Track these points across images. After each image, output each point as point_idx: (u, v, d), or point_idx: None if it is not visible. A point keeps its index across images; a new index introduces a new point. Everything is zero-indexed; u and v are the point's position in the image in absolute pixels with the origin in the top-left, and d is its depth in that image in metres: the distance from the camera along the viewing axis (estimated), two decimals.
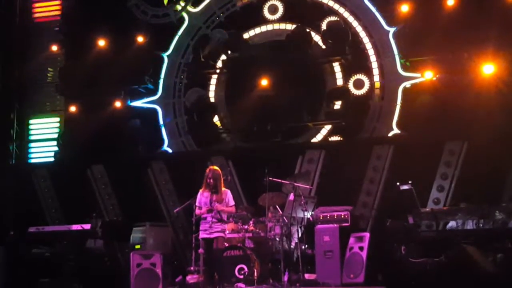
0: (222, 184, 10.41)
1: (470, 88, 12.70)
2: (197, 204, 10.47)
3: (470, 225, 10.56)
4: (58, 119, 16.03)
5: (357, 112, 13.63)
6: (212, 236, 10.15)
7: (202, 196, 10.37)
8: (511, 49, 12.60)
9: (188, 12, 15.04)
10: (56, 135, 15.73)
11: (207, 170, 10.43)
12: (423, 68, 13.20)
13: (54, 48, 15.70)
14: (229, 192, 10.48)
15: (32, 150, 16.19)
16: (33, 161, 16.07)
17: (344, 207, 12.02)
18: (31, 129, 16.22)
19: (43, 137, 16.08)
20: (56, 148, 15.49)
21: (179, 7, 14.98)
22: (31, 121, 16.20)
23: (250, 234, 11.72)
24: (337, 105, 13.82)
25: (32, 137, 16.21)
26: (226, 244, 11.00)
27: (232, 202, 10.39)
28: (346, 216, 11.86)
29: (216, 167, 10.54)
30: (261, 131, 14.08)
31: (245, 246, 11.52)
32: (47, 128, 16.09)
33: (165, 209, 14.22)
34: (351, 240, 11.59)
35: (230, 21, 14.79)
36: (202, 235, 10.33)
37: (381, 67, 13.68)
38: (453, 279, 10.02)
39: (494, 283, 9.81)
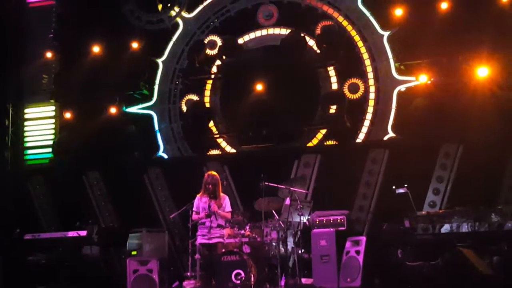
0: (221, 190, 10.41)
1: (464, 91, 12.74)
2: (194, 209, 10.45)
3: (466, 228, 10.58)
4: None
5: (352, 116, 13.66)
6: (211, 241, 10.14)
7: (200, 201, 10.37)
8: (505, 51, 12.63)
9: (183, 18, 15.06)
10: (51, 141, 15.72)
11: (206, 176, 10.44)
12: (418, 71, 13.24)
13: (49, 55, 15.69)
14: (227, 198, 10.49)
15: (27, 157, 16.15)
16: (28, 167, 16.02)
17: (340, 211, 12.02)
18: (26, 136, 16.21)
19: (38, 144, 16.05)
20: (51, 155, 15.47)
21: (173, 13, 14.99)
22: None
23: (247, 239, 11.70)
24: (332, 109, 13.82)
25: (27, 144, 16.18)
26: (223, 250, 10.99)
27: (229, 208, 10.40)
28: (342, 220, 11.86)
29: (215, 173, 10.56)
30: (257, 136, 14.09)
31: (242, 251, 11.51)
32: (43, 129, 16.07)
33: (161, 214, 14.21)
34: (348, 244, 11.58)
35: (225, 26, 14.82)
36: (200, 240, 10.32)
37: (375, 71, 13.70)
38: (450, 282, 10.04)
39: (490, 286, 9.82)
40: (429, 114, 12.84)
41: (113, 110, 15.00)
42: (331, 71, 14.06)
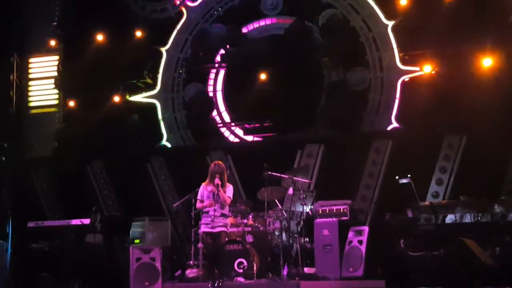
0: (226, 179, 10.38)
1: (469, 82, 12.68)
2: (199, 197, 10.43)
3: (468, 218, 10.59)
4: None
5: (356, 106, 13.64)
6: (215, 230, 10.14)
7: (205, 190, 10.35)
8: (510, 42, 12.57)
9: (187, 7, 15.02)
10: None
11: (212, 165, 10.39)
12: (422, 61, 13.18)
13: (52, 43, 15.67)
14: (231, 186, 10.46)
15: (30, 144, 16.16)
16: (31, 156, 16.03)
17: (343, 201, 12.03)
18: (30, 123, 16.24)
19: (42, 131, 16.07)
20: (55, 143, 15.48)
21: (177, 1, 14.95)
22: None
23: (250, 229, 11.73)
24: (336, 99, 13.78)
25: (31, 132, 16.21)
26: (226, 239, 11.01)
27: (230, 195, 10.32)
28: (345, 210, 11.86)
29: (220, 162, 10.54)
30: (260, 125, 14.09)
31: (245, 240, 11.53)
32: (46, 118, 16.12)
33: (164, 203, 14.23)
34: (350, 234, 11.60)
35: (229, 15, 14.78)
36: (204, 228, 10.31)
37: (380, 61, 13.67)
38: (452, 272, 10.05)
39: (492, 277, 9.83)
40: (433, 105, 12.79)
41: (116, 98, 14.98)
42: (335, 61, 14.02)
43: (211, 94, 14.75)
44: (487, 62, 12.49)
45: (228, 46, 14.49)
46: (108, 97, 15.00)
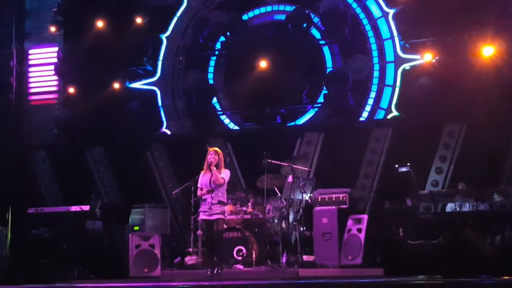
0: (222, 164, 10.34)
1: (469, 70, 12.64)
2: (199, 185, 10.44)
3: (468, 207, 10.59)
4: None
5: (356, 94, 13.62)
6: (212, 218, 10.14)
7: (204, 178, 10.36)
8: (511, 30, 12.53)
9: None
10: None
11: (209, 152, 10.35)
12: (423, 50, 13.14)
13: (53, 29, 15.62)
14: (228, 171, 10.43)
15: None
16: (31, 142, 16.00)
17: (343, 189, 12.02)
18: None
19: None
20: (54, 130, 15.47)
21: None
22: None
23: (249, 216, 11.74)
24: (336, 87, 13.75)
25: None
26: (225, 226, 11.02)
27: (225, 177, 10.24)
28: (344, 198, 11.86)
29: (217, 148, 10.50)
30: (260, 113, 14.07)
31: (244, 228, 11.54)
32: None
33: (163, 190, 14.24)
34: (349, 222, 11.60)
35: (229, 2, 14.72)
36: (201, 216, 10.32)
37: (380, 49, 13.63)
38: (451, 261, 10.06)
39: (491, 265, 9.85)
40: (433, 93, 12.78)
41: (116, 85, 14.93)
42: (336, 49, 13.98)
43: (211, 81, 14.72)
44: (488, 50, 12.45)
45: (228, 33, 14.44)
46: (108, 83, 14.96)
